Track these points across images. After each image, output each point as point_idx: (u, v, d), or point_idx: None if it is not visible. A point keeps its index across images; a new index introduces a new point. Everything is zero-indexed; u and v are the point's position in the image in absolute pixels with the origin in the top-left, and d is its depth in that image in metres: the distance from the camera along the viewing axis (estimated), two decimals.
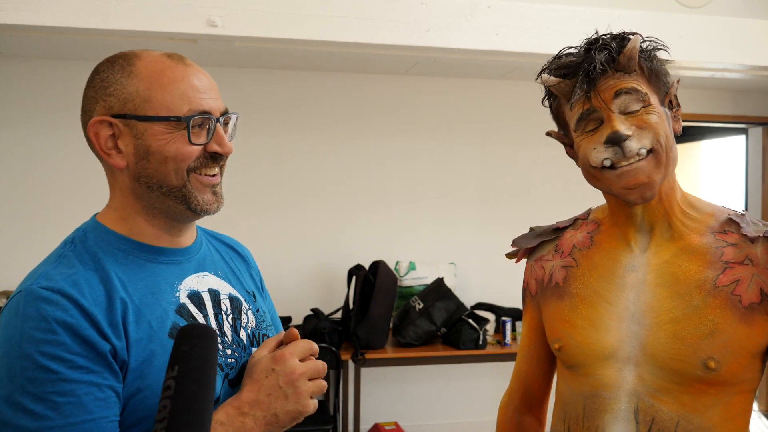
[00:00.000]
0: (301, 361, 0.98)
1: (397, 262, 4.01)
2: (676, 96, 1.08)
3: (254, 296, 1.18)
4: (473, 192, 4.27)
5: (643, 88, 1.02)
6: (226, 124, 1.07)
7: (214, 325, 1.05)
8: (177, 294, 1.03)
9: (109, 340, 0.91)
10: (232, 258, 1.20)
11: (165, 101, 1.00)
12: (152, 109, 1.00)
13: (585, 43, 1.06)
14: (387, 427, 3.83)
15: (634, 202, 1.03)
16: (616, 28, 1.12)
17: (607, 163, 1.02)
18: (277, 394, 0.96)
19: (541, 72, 1.09)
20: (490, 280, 4.15)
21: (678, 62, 3.62)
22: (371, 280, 3.65)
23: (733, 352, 1.00)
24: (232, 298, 1.11)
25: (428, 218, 4.20)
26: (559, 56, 1.08)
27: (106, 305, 0.93)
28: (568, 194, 4.15)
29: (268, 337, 1.14)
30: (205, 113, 1.02)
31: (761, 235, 1.04)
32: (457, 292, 4.00)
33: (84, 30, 2.98)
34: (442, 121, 4.22)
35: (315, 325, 3.54)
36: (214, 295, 1.08)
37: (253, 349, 1.09)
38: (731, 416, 1.03)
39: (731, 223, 1.07)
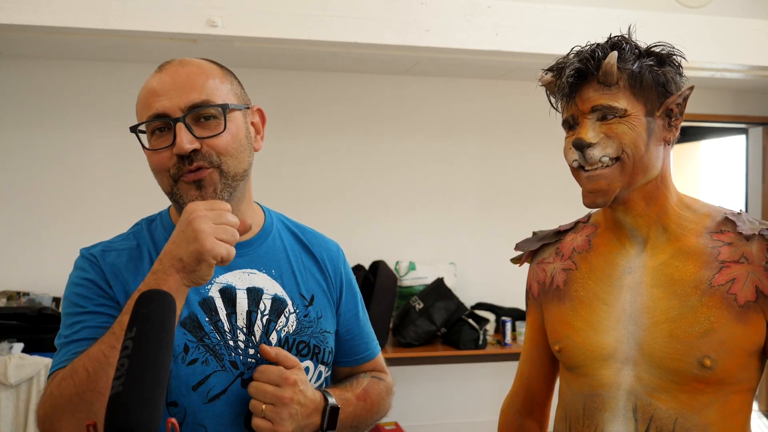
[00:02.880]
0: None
1: (397, 262, 4.01)
2: (680, 104, 1.07)
3: (311, 300, 1.16)
4: (473, 192, 4.27)
5: (621, 102, 1.03)
6: (205, 117, 1.03)
7: (241, 323, 1.06)
8: (208, 287, 1.06)
9: (118, 302, 1.04)
10: (299, 258, 1.18)
11: (137, 113, 1.06)
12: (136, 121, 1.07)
13: (579, 49, 1.08)
14: (387, 427, 3.83)
15: (587, 205, 1.08)
16: (616, 29, 1.12)
17: (575, 164, 1.07)
18: (180, 238, 0.94)
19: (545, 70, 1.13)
20: (490, 280, 4.15)
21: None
22: (371, 280, 3.65)
23: (729, 351, 1.01)
24: (275, 300, 1.11)
25: (428, 218, 4.19)
26: (567, 54, 1.10)
27: (125, 283, 1.05)
28: (569, 193, 4.14)
29: (307, 345, 1.13)
30: (159, 116, 1.01)
31: (757, 232, 1.05)
32: (457, 292, 4.00)
33: (84, 30, 2.98)
34: (442, 121, 4.22)
35: None
36: (255, 293, 1.09)
37: None
38: (729, 414, 1.04)
39: (727, 222, 1.08)
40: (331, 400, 1.06)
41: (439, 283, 3.81)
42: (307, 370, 1.10)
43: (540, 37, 3.33)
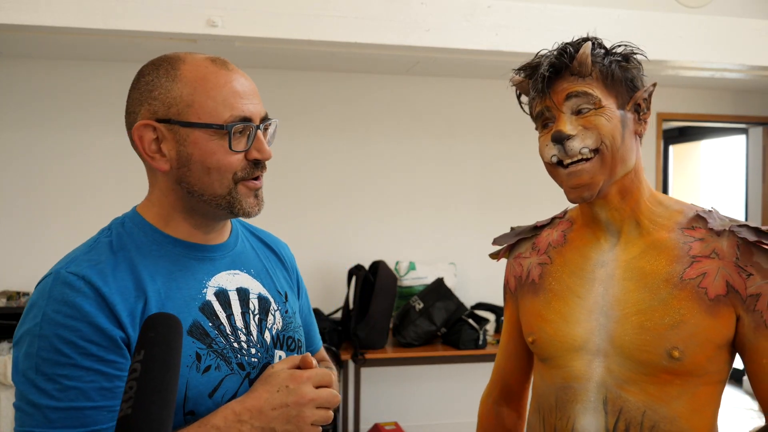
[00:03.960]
0: (317, 387, 1.00)
1: (397, 262, 4.01)
2: (646, 99, 1.11)
3: (285, 296, 1.18)
4: (473, 192, 4.27)
5: (596, 92, 1.06)
6: (266, 129, 1.07)
7: (240, 323, 1.06)
8: (204, 290, 1.05)
9: (124, 329, 0.94)
10: (267, 257, 1.21)
11: (207, 107, 1.00)
12: (195, 115, 1.00)
13: (551, 48, 1.12)
14: (387, 427, 3.83)
15: (572, 200, 1.10)
16: (617, 28, 1.14)
17: (554, 159, 1.08)
18: (282, 411, 0.97)
19: (515, 70, 1.17)
20: (490, 280, 4.15)
21: (678, 62, 3.62)
22: (371, 280, 3.65)
23: (697, 344, 1.03)
24: (261, 298, 1.12)
25: (428, 218, 4.20)
26: (535, 56, 1.14)
27: (130, 294, 0.96)
28: None
29: (294, 340, 1.15)
30: (246, 119, 1.02)
31: (727, 228, 1.07)
32: (457, 292, 4.00)
33: (84, 30, 2.98)
34: (442, 121, 4.22)
35: None
36: (243, 293, 1.10)
37: (276, 351, 1.10)
38: (697, 407, 1.06)
39: (698, 219, 1.10)
40: None
41: (439, 283, 3.81)
42: None
43: (540, 37, 3.33)
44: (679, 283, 1.05)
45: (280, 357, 1.11)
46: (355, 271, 3.75)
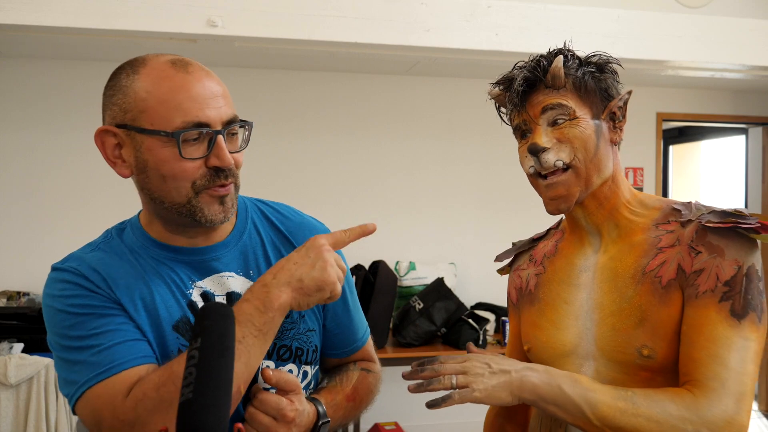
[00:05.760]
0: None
1: (397, 262, 4.01)
2: (621, 108, 1.12)
3: None
4: (473, 192, 4.27)
5: (570, 103, 1.08)
6: (233, 134, 1.02)
7: None
8: (190, 291, 1.04)
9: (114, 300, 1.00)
10: (279, 252, 1.13)
11: (159, 113, 0.97)
12: (147, 120, 0.97)
13: (523, 63, 1.15)
14: (387, 427, 3.83)
15: (550, 212, 1.12)
16: (617, 28, 1.14)
17: (531, 170, 1.11)
18: (304, 261, 0.96)
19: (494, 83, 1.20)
20: (490, 280, 4.11)
21: (678, 62, 3.62)
22: (371, 280, 3.65)
23: (662, 337, 1.03)
24: None
25: (428, 218, 4.19)
26: (512, 68, 1.17)
27: (130, 285, 1.01)
28: None
29: (289, 348, 1.10)
30: (202, 125, 0.97)
31: (693, 218, 1.07)
32: (457, 292, 4.00)
33: (84, 30, 2.98)
34: (442, 121, 4.22)
35: None
36: (235, 299, 1.05)
37: (263, 361, 1.05)
38: None
39: (674, 212, 1.11)
40: (321, 410, 1.05)
41: (439, 283, 3.81)
42: (289, 372, 1.08)
43: (540, 37, 3.33)
44: (641, 277, 1.06)
45: (267, 365, 1.06)
46: (355, 271, 3.75)
